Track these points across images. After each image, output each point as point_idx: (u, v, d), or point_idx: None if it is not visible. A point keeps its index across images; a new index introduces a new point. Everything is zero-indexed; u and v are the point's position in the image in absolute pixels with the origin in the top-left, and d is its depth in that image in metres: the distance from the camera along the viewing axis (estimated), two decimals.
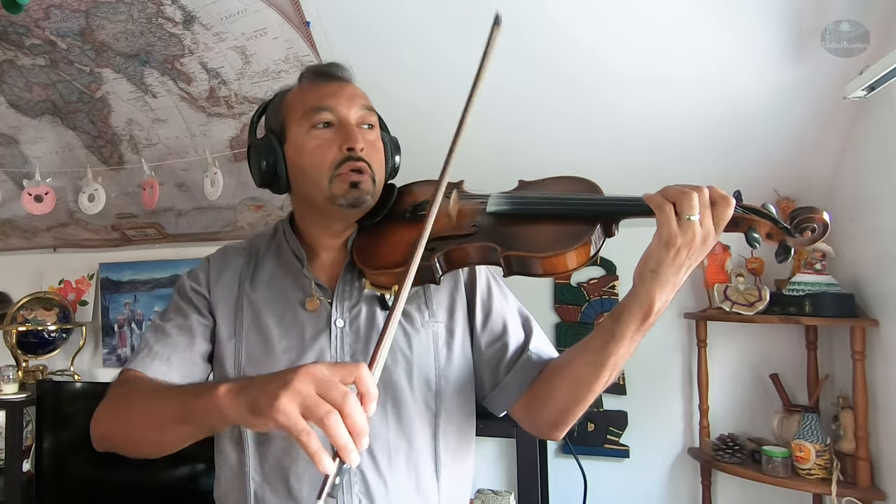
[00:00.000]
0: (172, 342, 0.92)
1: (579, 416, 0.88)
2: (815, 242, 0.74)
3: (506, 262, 0.82)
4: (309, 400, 0.59)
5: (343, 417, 0.58)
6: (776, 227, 0.75)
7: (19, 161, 2.42)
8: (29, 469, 2.43)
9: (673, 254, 0.71)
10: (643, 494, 2.11)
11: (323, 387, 0.60)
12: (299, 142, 0.92)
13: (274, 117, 0.97)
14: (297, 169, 0.93)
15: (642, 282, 0.74)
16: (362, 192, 0.91)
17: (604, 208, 0.81)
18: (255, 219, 2.49)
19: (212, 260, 1.01)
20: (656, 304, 0.74)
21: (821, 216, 0.74)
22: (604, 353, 0.80)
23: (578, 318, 2.21)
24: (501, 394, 0.94)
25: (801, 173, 1.87)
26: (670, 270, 0.72)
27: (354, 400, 0.59)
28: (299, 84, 0.98)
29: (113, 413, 0.86)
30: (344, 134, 0.91)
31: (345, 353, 0.90)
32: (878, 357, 1.70)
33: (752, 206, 0.76)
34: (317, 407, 0.59)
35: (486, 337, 0.96)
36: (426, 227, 0.76)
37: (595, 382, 0.83)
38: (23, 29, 1.85)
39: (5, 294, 2.96)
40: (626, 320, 0.77)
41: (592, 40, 1.62)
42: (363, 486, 0.86)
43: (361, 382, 0.61)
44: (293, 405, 0.59)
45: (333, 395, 0.59)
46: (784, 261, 0.76)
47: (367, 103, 0.95)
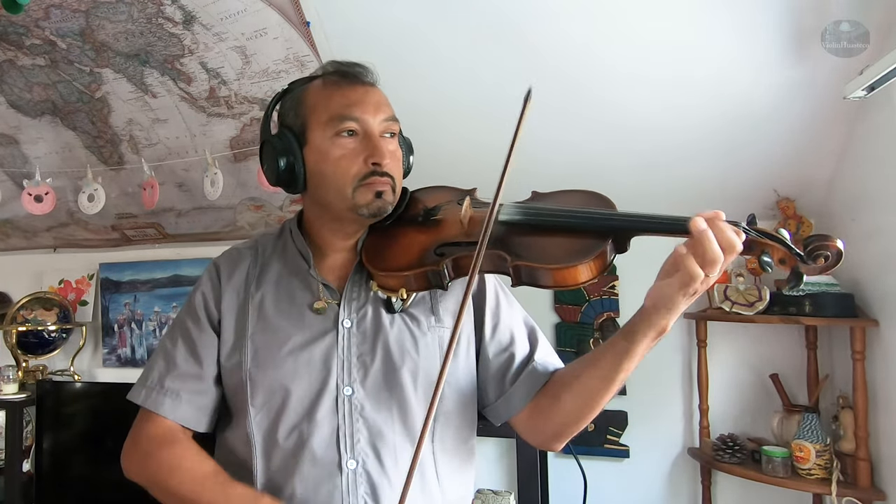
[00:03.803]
0: (182, 375, 0.94)
1: (581, 428, 0.90)
2: (828, 271, 0.73)
3: (515, 271, 0.82)
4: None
5: None
6: (790, 254, 0.73)
7: (19, 161, 2.42)
8: (29, 469, 2.43)
9: (691, 293, 0.73)
10: (643, 494, 2.11)
11: None
12: (322, 148, 0.91)
13: (293, 114, 0.94)
14: (317, 174, 0.92)
15: (657, 310, 0.76)
16: (385, 203, 0.91)
17: (618, 224, 0.80)
18: (255, 219, 2.49)
19: (220, 264, 1.01)
20: (669, 325, 0.77)
21: (835, 244, 0.72)
22: (616, 368, 0.82)
23: (578, 319, 2.21)
24: (506, 403, 0.95)
25: (801, 173, 1.87)
26: (684, 301, 0.74)
27: None
28: (322, 82, 0.94)
29: (149, 477, 0.92)
30: (370, 147, 0.89)
31: (352, 353, 0.91)
32: (878, 357, 1.70)
33: (766, 231, 0.74)
34: None
35: (493, 347, 0.97)
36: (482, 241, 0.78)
37: (604, 397, 0.85)
38: (23, 29, 1.85)
39: (5, 294, 2.96)
40: (639, 340, 0.79)
41: (592, 41, 1.62)
42: (368, 487, 0.86)
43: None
44: None
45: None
46: (794, 287, 0.75)
47: (391, 112, 0.94)
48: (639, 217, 0.78)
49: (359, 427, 0.88)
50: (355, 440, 0.87)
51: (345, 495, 0.85)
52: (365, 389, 0.89)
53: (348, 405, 0.88)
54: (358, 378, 0.90)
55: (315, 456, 0.87)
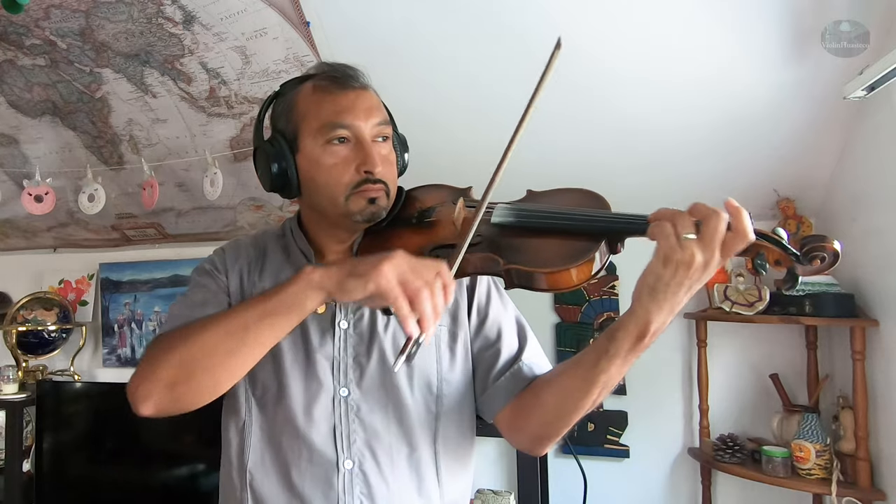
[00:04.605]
0: (200, 310, 0.90)
1: (564, 432, 0.87)
2: (824, 272, 0.72)
3: (507, 274, 0.81)
4: (407, 275, 0.71)
5: (430, 296, 0.69)
6: (785, 254, 0.72)
7: (19, 161, 2.42)
8: (29, 469, 2.43)
9: (671, 272, 0.69)
10: (643, 494, 2.11)
11: (417, 267, 0.72)
12: (314, 155, 0.90)
13: (285, 119, 0.94)
14: (310, 181, 0.92)
15: (640, 300, 0.72)
16: (378, 208, 0.91)
17: (611, 225, 0.79)
18: (255, 219, 2.49)
19: (226, 249, 1.02)
20: (653, 324, 0.72)
21: (831, 245, 0.71)
22: (595, 369, 0.78)
23: (578, 319, 2.21)
24: (488, 400, 0.94)
25: (801, 173, 1.87)
26: (668, 289, 0.70)
27: (440, 284, 0.71)
28: (312, 86, 0.93)
29: (170, 354, 0.80)
30: (362, 154, 0.89)
31: (348, 354, 0.91)
32: (878, 357, 1.70)
33: (762, 232, 0.73)
34: (414, 280, 0.70)
35: (479, 342, 0.96)
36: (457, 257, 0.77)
37: (584, 399, 0.81)
38: (23, 29, 1.85)
39: (5, 294, 2.96)
40: (620, 338, 0.75)
41: (592, 42, 1.62)
42: (365, 488, 0.86)
43: (444, 274, 0.72)
44: (393, 273, 0.71)
45: (426, 275, 0.71)
46: (791, 288, 0.73)
47: (383, 116, 0.93)
48: (632, 217, 0.77)
49: (355, 428, 0.88)
50: (352, 440, 0.88)
51: (341, 495, 0.86)
52: (361, 390, 0.89)
53: (344, 406, 0.89)
54: (354, 379, 0.90)
55: (312, 454, 0.87)
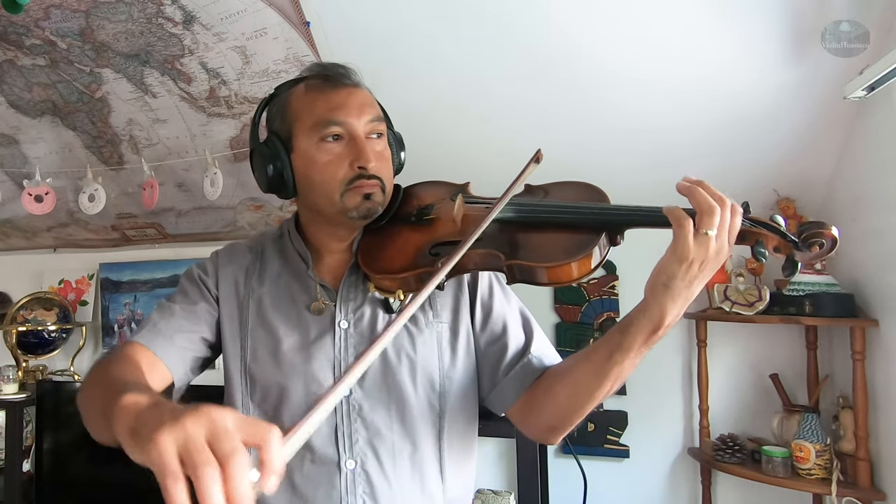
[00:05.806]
0: (177, 323, 0.93)
1: (577, 422, 0.87)
2: (823, 258, 0.73)
3: (509, 270, 0.81)
4: (192, 444, 0.48)
5: (223, 477, 0.46)
6: (784, 241, 0.74)
7: (19, 161, 2.42)
8: (29, 469, 2.43)
9: (686, 267, 0.70)
10: (643, 494, 2.11)
11: (216, 435, 0.48)
12: (308, 154, 0.91)
13: (279, 120, 0.95)
14: (305, 180, 0.92)
15: (654, 295, 0.72)
16: (374, 204, 0.91)
17: (611, 218, 0.79)
18: (255, 219, 2.49)
19: (220, 254, 1.02)
20: (667, 317, 0.72)
21: (829, 231, 0.72)
22: (608, 363, 0.78)
23: (578, 318, 2.21)
24: (499, 395, 0.94)
25: (801, 173, 1.88)
26: (682, 284, 0.71)
27: (244, 464, 0.47)
28: (305, 86, 0.94)
29: (83, 392, 0.80)
30: (355, 151, 0.89)
31: (349, 353, 0.90)
32: (878, 357, 1.70)
33: (760, 220, 0.74)
34: (196, 454, 0.47)
35: (485, 337, 0.96)
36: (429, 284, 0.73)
37: (596, 392, 0.81)
38: (23, 29, 1.85)
39: (5, 294, 2.96)
40: (634, 332, 0.75)
41: (592, 42, 1.62)
42: (367, 487, 0.86)
43: (266, 450, 0.48)
44: (172, 444, 0.48)
45: (222, 447, 0.47)
46: (791, 275, 0.75)
47: (376, 112, 0.94)
48: (631, 209, 0.78)
49: (357, 427, 0.88)
50: (354, 440, 0.87)
51: (343, 495, 0.85)
52: (363, 390, 0.89)
53: (346, 405, 0.88)
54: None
55: (314, 455, 0.87)
